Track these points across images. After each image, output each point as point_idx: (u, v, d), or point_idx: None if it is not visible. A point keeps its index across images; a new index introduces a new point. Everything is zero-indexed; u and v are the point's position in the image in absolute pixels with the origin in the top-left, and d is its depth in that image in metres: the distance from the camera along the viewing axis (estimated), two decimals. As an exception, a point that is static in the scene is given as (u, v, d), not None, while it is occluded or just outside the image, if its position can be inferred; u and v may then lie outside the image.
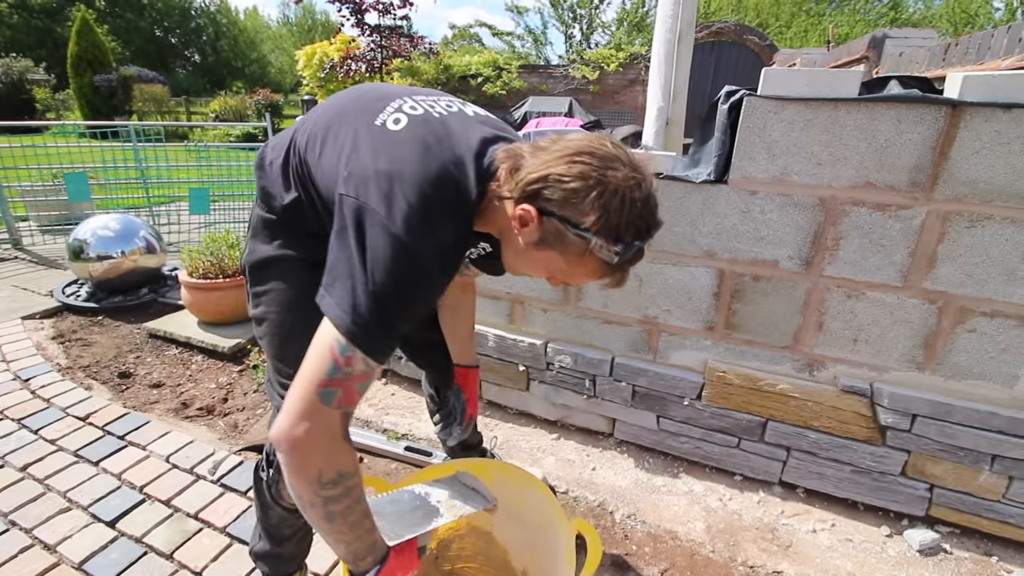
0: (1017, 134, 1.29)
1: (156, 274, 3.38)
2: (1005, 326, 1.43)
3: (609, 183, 0.74)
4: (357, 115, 0.91)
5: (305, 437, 0.75)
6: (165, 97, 16.42)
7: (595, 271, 0.82)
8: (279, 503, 1.14)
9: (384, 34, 8.89)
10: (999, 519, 1.56)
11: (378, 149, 0.83)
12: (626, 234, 0.76)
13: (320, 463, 0.77)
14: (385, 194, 0.78)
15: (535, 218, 0.78)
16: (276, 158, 1.02)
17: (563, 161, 0.76)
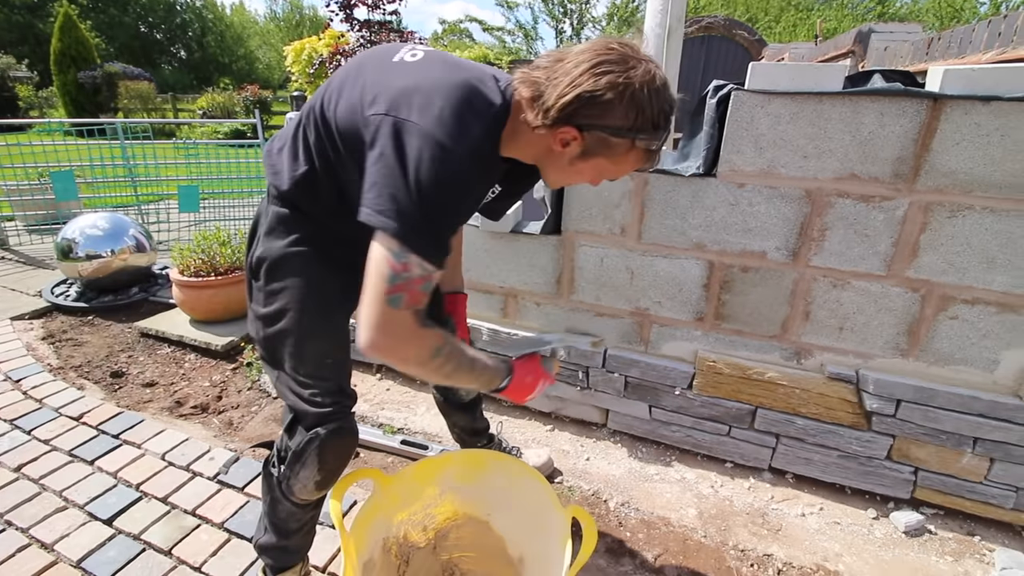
0: (996, 126, 1.32)
1: (146, 273, 3.36)
2: (985, 313, 1.47)
3: (634, 83, 0.80)
4: (372, 62, 0.96)
5: (390, 341, 0.84)
6: (151, 94, 16.20)
7: (639, 160, 0.90)
8: (289, 498, 1.15)
9: (373, 29, 8.84)
10: (981, 500, 1.61)
11: (402, 74, 0.89)
12: (659, 120, 0.84)
13: (413, 351, 0.88)
14: (418, 105, 0.83)
15: (577, 136, 0.84)
16: (285, 138, 1.05)
17: (587, 76, 0.80)
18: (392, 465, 1.87)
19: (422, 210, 0.81)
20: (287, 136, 1.04)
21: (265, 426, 2.09)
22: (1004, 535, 1.61)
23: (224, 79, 28.93)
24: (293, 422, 1.11)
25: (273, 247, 1.05)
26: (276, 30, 37.31)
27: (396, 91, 0.85)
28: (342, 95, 0.93)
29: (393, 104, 0.84)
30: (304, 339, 1.06)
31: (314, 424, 1.07)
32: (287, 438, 1.12)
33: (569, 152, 0.88)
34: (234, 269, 2.76)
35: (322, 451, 1.08)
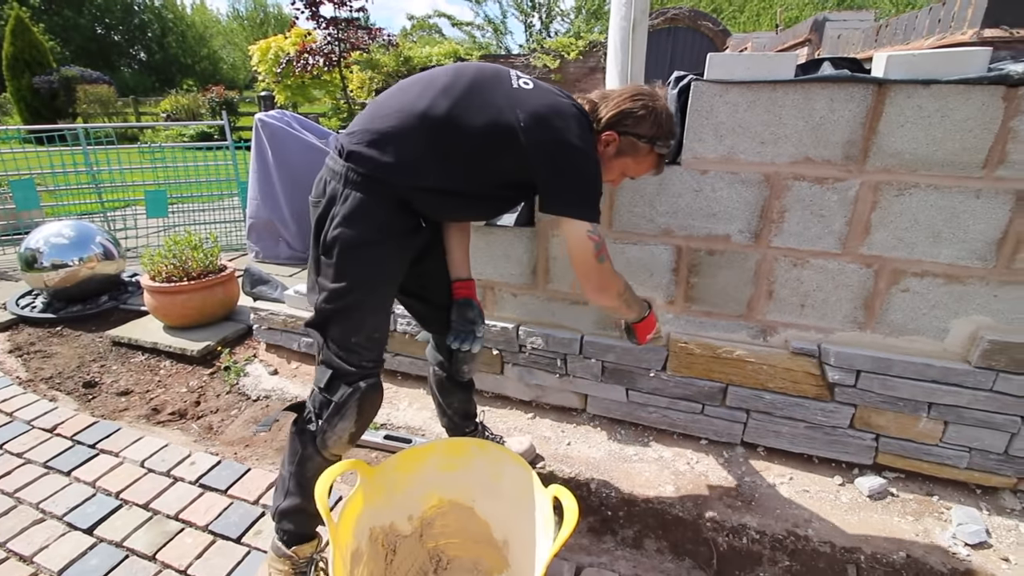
0: (936, 107, 1.40)
1: (115, 280, 3.29)
2: (934, 284, 1.56)
3: (657, 108, 1.27)
4: (491, 87, 1.20)
5: (608, 284, 1.30)
6: (112, 98, 15.71)
7: (652, 163, 1.36)
8: (322, 452, 1.28)
9: (341, 27, 8.73)
10: (938, 461, 1.71)
11: (535, 100, 1.19)
12: (669, 134, 1.31)
13: (616, 287, 1.32)
14: (562, 126, 1.17)
15: (616, 139, 1.28)
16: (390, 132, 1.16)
17: (627, 100, 1.26)
18: (376, 460, 1.90)
19: (594, 196, 1.21)
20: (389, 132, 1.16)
21: (245, 428, 2.09)
22: (960, 493, 1.72)
23: (188, 80, 28.11)
24: (334, 379, 1.26)
25: (352, 231, 1.17)
26: (240, 29, 36.43)
27: (540, 116, 1.16)
28: (470, 106, 1.16)
29: (544, 127, 1.16)
30: (365, 315, 1.25)
31: (356, 380, 1.26)
32: (327, 394, 1.26)
33: (608, 152, 1.29)
34: (207, 273, 2.73)
35: (362, 402, 1.27)
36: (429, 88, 1.18)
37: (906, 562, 1.47)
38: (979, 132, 1.40)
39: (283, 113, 3.75)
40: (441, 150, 1.16)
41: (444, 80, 1.20)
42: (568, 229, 1.21)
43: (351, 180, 1.17)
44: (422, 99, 1.16)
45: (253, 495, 1.70)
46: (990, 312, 1.54)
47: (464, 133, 1.15)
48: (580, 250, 1.21)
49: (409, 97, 1.19)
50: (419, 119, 1.15)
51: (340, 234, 1.17)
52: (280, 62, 9.66)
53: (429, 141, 1.15)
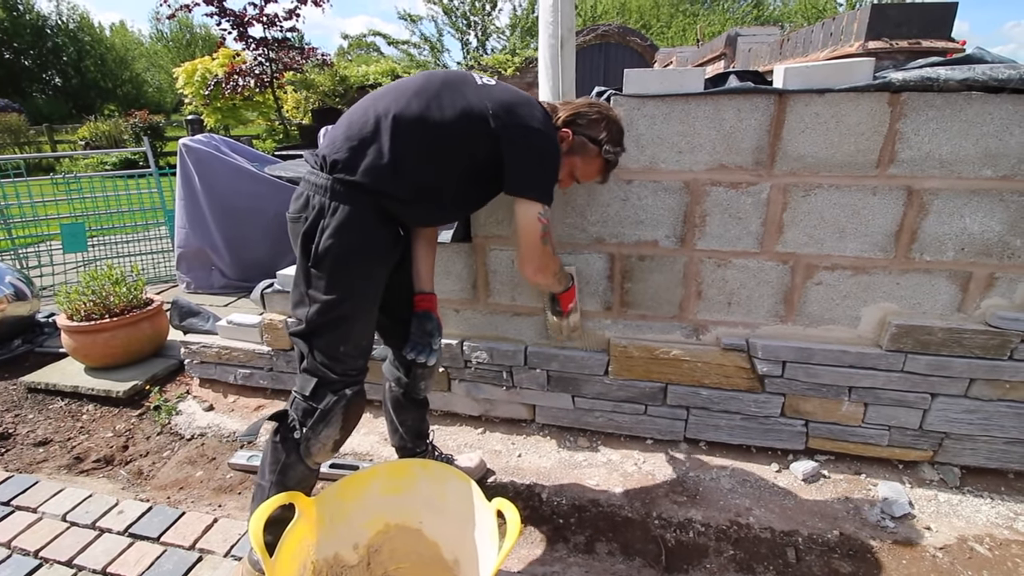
0: (831, 114, 1.53)
1: (29, 322, 3.05)
2: (843, 276, 1.68)
3: (610, 115, 1.41)
4: (459, 85, 1.28)
5: (547, 264, 1.36)
6: (22, 126, 14.66)
7: (599, 168, 1.45)
8: (305, 460, 1.31)
9: (271, 47, 8.53)
10: (862, 441, 1.83)
11: (499, 92, 1.29)
12: (619, 143, 1.42)
13: (554, 267, 1.43)
14: (528, 115, 1.26)
15: (570, 137, 1.37)
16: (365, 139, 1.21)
17: (584, 106, 1.40)
18: (322, 491, 1.83)
19: (552, 180, 1.30)
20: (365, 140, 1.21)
21: (180, 470, 1.97)
22: (885, 470, 1.84)
23: (109, 106, 26.60)
24: (319, 387, 1.29)
25: (343, 242, 1.20)
26: (165, 51, 34.84)
27: (505, 104, 1.26)
28: (442, 103, 1.23)
29: (511, 116, 1.24)
30: (354, 324, 1.28)
31: (341, 388, 1.29)
32: (312, 402, 1.28)
33: (561, 148, 1.35)
34: (131, 308, 2.57)
35: (347, 410, 1.30)
36: (402, 93, 1.25)
37: (840, 539, 1.56)
38: (870, 135, 1.53)
39: (211, 137, 3.62)
40: (417, 147, 1.21)
41: (415, 84, 1.27)
42: (520, 210, 1.27)
43: (337, 192, 1.21)
44: (396, 103, 1.22)
45: (188, 540, 1.60)
46: (895, 298, 1.67)
47: (438, 128, 1.21)
48: (528, 231, 1.28)
49: (383, 103, 1.24)
50: (394, 121, 1.20)
51: (332, 246, 1.20)
52: (208, 84, 9.32)
53: (406, 140, 1.20)
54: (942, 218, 1.56)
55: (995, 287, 1.60)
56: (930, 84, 1.44)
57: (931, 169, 1.53)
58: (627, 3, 22.79)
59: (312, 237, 1.23)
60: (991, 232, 1.55)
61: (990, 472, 1.79)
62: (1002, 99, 1.42)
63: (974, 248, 1.57)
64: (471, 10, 17.69)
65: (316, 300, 1.24)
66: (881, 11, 2.18)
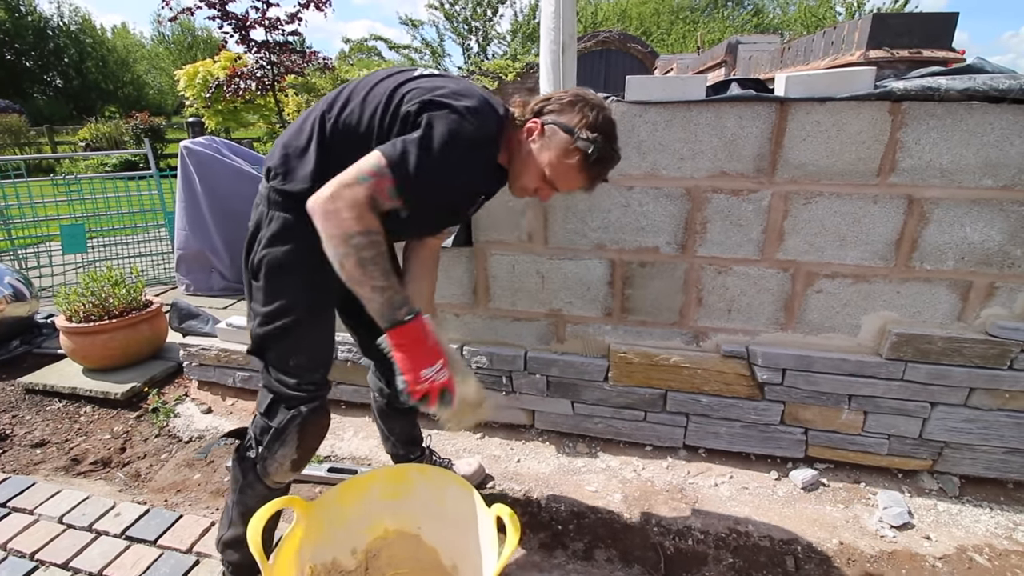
0: (833, 122, 1.53)
1: (28, 323, 3.04)
2: (844, 284, 1.68)
3: (589, 100, 1.11)
4: (394, 77, 1.13)
5: (336, 196, 0.98)
6: (23, 127, 14.67)
7: (576, 165, 1.10)
8: (264, 480, 1.24)
9: (273, 51, 8.55)
10: (862, 450, 1.82)
11: (429, 83, 1.09)
12: (600, 130, 1.08)
13: (348, 218, 0.97)
14: (451, 97, 1.03)
15: (539, 127, 1.10)
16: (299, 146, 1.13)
17: (560, 91, 1.13)
18: (320, 495, 1.82)
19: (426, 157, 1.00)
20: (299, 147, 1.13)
21: (177, 473, 1.96)
22: (884, 479, 1.84)
23: (110, 107, 26.62)
24: (274, 403, 1.22)
25: (277, 251, 1.15)
26: (166, 53, 34.94)
27: (429, 89, 1.06)
28: (366, 105, 1.11)
29: (426, 97, 1.04)
30: (301, 336, 1.20)
31: (296, 404, 1.21)
32: (267, 419, 1.22)
33: (530, 143, 1.12)
34: (130, 310, 2.57)
35: (303, 428, 1.21)
36: (334, 94, 1.17)
37: (839, 548, 1.56)
38: (871, 143, 1.53)
39: (212, 139, 3.62)
40: (341, 150, 1.10)
41: (350, 85, 1.18)
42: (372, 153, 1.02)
43: (273, 201, 1.15)
44: (325, 104, 1.15)
45: (186, 543, 1.59)
46: (895, 307, 1.68)
47: (360, 127, 1.11)
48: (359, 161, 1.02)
49: (317, 106, 1.17)
50: (320, 123, 1.13)
51: (265, 255, 1.16)
52: (209, 87, 9.33)
53: (330, 144, 1.12)
54: (943, 227, 1.57)
55: (995, 296, 1.60)
56: (931, 94, 1.45)
57: (932, 178, 1.53)
58: (628, 10, 22.94)
59: (251, 248, 1.19)
60: (991, 242, 1.55)
61: (989, 482, 1.78)
62: (1002, 109, 1.43)
63: (974, 257, 1.57)
64: (472, 15, 17.79)
65: (257, 313, 1.19)
66: (882, 20, 2.20)
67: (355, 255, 0.98)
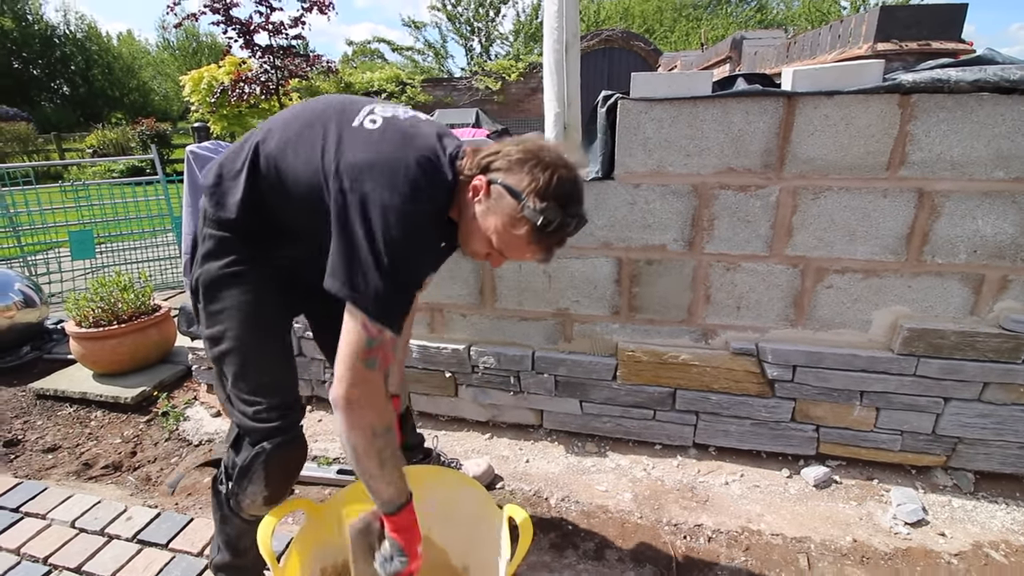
0: (841, 116, 1.52)
1: (38, 329, 3.07)
2: (854, 280, 1.66)
3: (543, 159, 0.93)
4: (332, 118, 1.02)
5: (361, 397, 0.91)
6: (31, 135, 14.82)
7: (525, 236, 0.95)
8: (239, 515, 1.18)
9: (277, 55, 8.59)
10: (874, 446, 1.80)
11: (363, 145, 0.96)
12: (551, 199, 0.91)
13: (372, 417, 0.93)
14: (380, 179, 0.90)
15: (484, 186, 0.95)
16: (233, 170, 1.06)
17: (512, 143, 0.96)
18: (330, 497, 1.83)
19: (391, 282, 0.90)
20: (233, 170, 1.06)
21: (188, 477, 1.97)
22: (897, 475, 1.82)
23: (116, 114, 26.89)
24: (239, 438, 1.14)
25: (211, 269, 1.08)
26: (171, 59, 35.17)
27: (359, 165, 0.92)
28: (299, 147, 1.00)
29: (357, 180, 0.91)
30: (246, 358, 1.10)
31: (260, 439, 1.10)
32: (233, 454, 1.14)
33: (476, 204, 0.97)
34: (139, 314, 2.59)
35: (268, 466, 1.10)
36: (275, 122, 1.08)
37: (853, 546, 1.54)
38: (881, 136, 1.52)
39: (217, 144, 3.63)
40: (265, 188, 1.04)
41: (290, 114, 1.08)
42: (347, 312, 0.92)
43: (209, 219, 1.09)
44: (265, 132, 1.06)
45: (197, 546, 1.60)
46: (906, 302, 1.66)
47: (284, 173, 1.01)
48: (348, 340, 0.91)
49: (259, 130, 1.08)
50: (254, 153, 1.04)
51: (201, 274, 1.09)
52: (214, 92, 9.39)
53: (258, 178, 1.04)
54: (954, 220, 1.55)
55: (1008, 290, 1.58)
56: (941, 85, 1.44)
57: (942, 171, 1.51)
58: (630, 8, 22.88)
59: (191, 268, 1.14)
60: (1004, 234, 1.53)
61: (1005, 477, 1.76)
62: (1014, 100, 1.41)
63: (986, 251, 1.55)
64: (475, 16, 17.80)
65: (204, 338, 1.12)
66: (890, 12, 2.17)
67: (377, 456, 0.95)
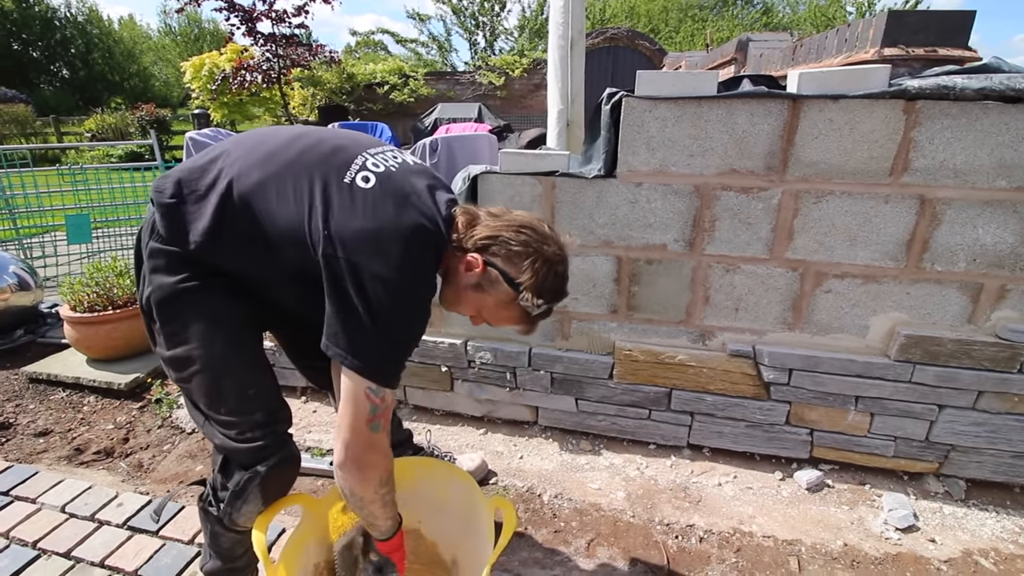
0: (846, 120, 1.51)
1: (32, 313, 3.05)
2: (853, 285, 1.66)
3: (543, 254, 0.98)
4: (319, 166, 0.97)
5: (371, 460, 0.95)
6: (29, 117, 14.71)
7: (515, 318, 1.04)
8: (233, 530, 1.15)
9: (280, 43, 8.53)
10: (867, 451, 1.81)
11: (357, 209, 0.93)
12: (547, 295, 1.00)
13: (378, 474, 0.97)
14: (374, 249, 0.90)
15: (480, 266, 0.98)
16: (196, 193, 0.97)
17: (511, 228, 0.98)
18: (323, 488, 1.82)
19: (391, 350, 0.94)
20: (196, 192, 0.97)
21: (179, 464, 1.96)
22: (889, 481, 1.82)
23: (116, 99, 26.70)
24: (226, 461, 1.09)
25: (164, 284, 1.00)
26: (173, 45, 34.96)
27: (355, 233, 0.90)
28: (281, 194, 0.94)
29: (352, 248, 0.90)
30: (218, 377, 1.03)
31: (251, 462, 1.06)
32: (222, 478, 1.10)
33: (469, 277, 1.01)
34: (134, 301, 2.57)
35: (264, 487, 1.08)
36: (253, 152, 1.00)
37: (843, 550, 1.54)
38: (884, 142, 1.51)
39: (217, 131, 3.62)
40: (234, 225, 0.96)
41: (270, 142, 1.01)
42: (346, 375, 0.91)
43: (158, 231, 1.00)
44: (241, 164, 0.98)
45: (188, 534, 1.59)
46: (904, 308, 1.66)
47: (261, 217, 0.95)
48: (351, 406, 0.91)
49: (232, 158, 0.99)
50: (228, 188, 0.96)
51: (152, 292, 1.00)
52: (215, 79, 9.33)
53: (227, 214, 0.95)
54: (955, 228, 1.55)
55: (1006, 299, 1.58)
56: (946, 92, 1.43)
57: (945, 179, 1.51)
58: (636, 7, 22.81)
59: (138, 283, 1.05)
60: (1004, 244, 1.53)
61: (996, 486, 1.77)
62: (1019, 109, 1.41)
63: (986, 259, 1.55)
64: (480, 10, 17.72)
65: (165, 359, 1.05)
66: (898, 18, 2.17)
67: (380, 500, 1.00)
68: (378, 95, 11.03)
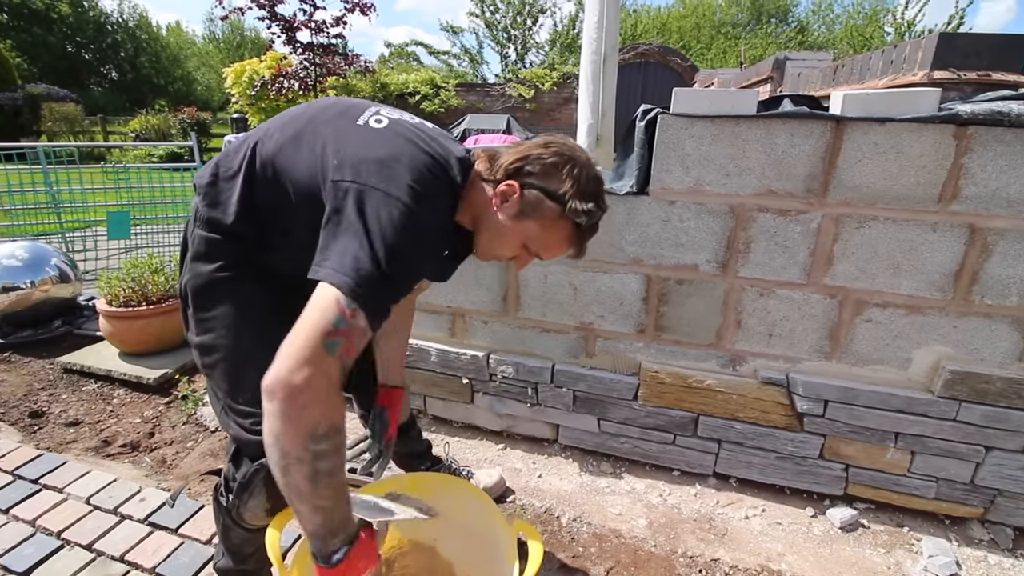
0: (891, 144, 1.46)
1: (71, 304, 3.15)
2: (896, 315, 1.59)
3: (578, 160, 0.97)
4: (334, 119, 0.99)
5: (305, 384, 0.73)
6: (79, 116, 15.37)
7: (565, 238, 1.01)
8: (241, 525, 1.14)
9: (317, 52, 8.77)
10: (906, 492, 1.72)
11: (369, 141, 0.92)
12: (591, 197, 0.97)
13: (317, 414, 0.75)
14: (385, 175, 0.86)
15: (517, 191, 0.95)
16: (231, 170, 1.02)
17: (538, 146, 0.97)
18: (339, 495, 1.81)
19: (380, 268, 0.81)
20: (230, 170, 1.02)
21: (202, 461, 1.98)
22: (929, 524, 1.72)
23: (160, 101, 27.80)
24: (237, 452, 1.10)
25: (200, 272, 1.04)
26: (216, 51, 36.32)
27: (362, 160, 0.88)
28: (299, 148, 0.96)
29: (359, 172, 0.86)
30: (239, 365, 1.04)
31: (260, 454, 1.02)
32: (232, 468, 1.11)
33: (506, 209, 0.97)
34: (167, 298, 2.63)
35: (269, 481, 1.04)
36: (276, 121, 1.04)
37: (877, 595, 1.46)
38: (933, 168, 1.45)
39: (255, 136, 3.71)
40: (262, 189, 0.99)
41: (291, 114, 1.04)
42: (320, 288, 0.80)
43: (200, 219, 1.04)
44: (264, 132, 1.02)
45: (206, 534, 1.60)
46: (950, 343, 1.58)
47: (283, 173, 0.97)
48: (311, 312, 0.78)
49: (260, 129, 1.04)
50: (253, 153, 1.00)
51: (191, 278, 1.05)
52: (254, 85, 9.62)
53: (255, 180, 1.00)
54: (1007, 260, 1.47)
55: (1063, 337, 1.49)
56: (1001, 119, 1.37)
57: (997, 208, 1.44)
58: (667, 23, 22.80)
59: (181, 270, 1.10)
60: (1061, 278, 1.45)
61: (1047, 536, 1.66)
62: (1081, 138, 1.34)
63: (1041, 294, 1.47)
64: (512, 24, 17.93)
65: (194, 346, 1.08)
66: (949, 40, 2.09)
67: (310, 466, 0.75)
68: (409, 104, 11.20)
